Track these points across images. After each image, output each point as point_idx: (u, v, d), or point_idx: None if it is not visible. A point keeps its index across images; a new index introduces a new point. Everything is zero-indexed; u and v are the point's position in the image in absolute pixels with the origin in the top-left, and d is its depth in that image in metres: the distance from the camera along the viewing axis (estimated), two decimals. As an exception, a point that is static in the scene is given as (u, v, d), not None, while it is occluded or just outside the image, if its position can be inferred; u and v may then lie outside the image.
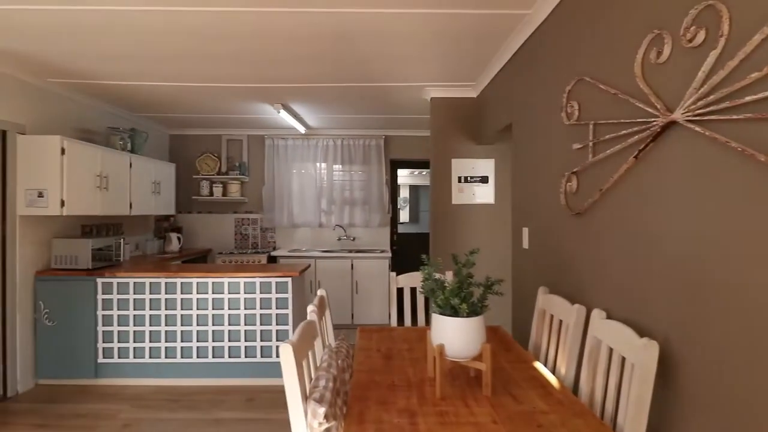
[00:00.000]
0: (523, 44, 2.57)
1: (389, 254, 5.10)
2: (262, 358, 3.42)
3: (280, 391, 3.28)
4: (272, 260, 5.18)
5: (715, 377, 1.16)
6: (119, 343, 3.43)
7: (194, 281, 3.43)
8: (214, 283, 3.43)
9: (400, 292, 3.07)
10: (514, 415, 1.34)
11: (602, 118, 1.69)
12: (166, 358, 3.43)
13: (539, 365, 1.76)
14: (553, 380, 1.61)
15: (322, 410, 1.17)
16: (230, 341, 3.43)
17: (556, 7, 2.11)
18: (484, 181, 3.74)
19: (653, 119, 1.37)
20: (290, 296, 3.44)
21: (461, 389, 1.54)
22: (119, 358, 3.43)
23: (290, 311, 3.44)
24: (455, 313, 1.52)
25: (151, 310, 3.43)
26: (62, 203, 3.30)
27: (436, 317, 1.55)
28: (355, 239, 5.61)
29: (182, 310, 3.43)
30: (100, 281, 3.43)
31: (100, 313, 3.42)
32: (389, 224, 5.62)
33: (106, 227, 4.12)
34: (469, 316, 1.50)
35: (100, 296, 3.43)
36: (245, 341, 3.42)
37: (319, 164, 5.55)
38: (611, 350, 1.49)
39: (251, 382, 3.42)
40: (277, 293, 3.44)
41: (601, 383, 1.52)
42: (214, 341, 3.43)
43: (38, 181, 3.26)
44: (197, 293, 3.43)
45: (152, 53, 2.87)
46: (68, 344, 3.41)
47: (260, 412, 2.99)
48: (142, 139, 4.46)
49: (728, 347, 1.12)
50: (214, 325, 3.43)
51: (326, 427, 1.19)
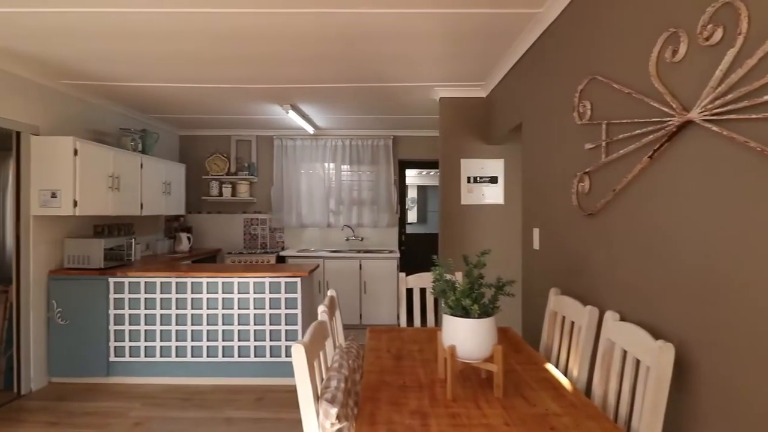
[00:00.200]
0: (533, 43, 2.55)
1: (397, 255, 5.09)
2: (271, 357, 3.44)
3: (288, 390, 3.29)
4: (281, 260, 5.20)
5: (731, 381, 1.14)
6: (131, 342, 3.46)
7: (204, 281, 3.45)
8: (224, 282, 3.45)
9: (409, 292, 3.07)
10: (526, 417, 1.33)
11: (616, 117, 1.67)
12: (176, 357, 3.45)
13: (551, 367, 1.75)
14: (565, 382, 1.59)
15: (334, 411, 1.17)
16: (240, 341, 3.44)
17: (567, 5, 2.10)
18: (493, 181, 3.72)
19: (669, 119, 1.35)
20: (299, 296, 3.45)
21: (473, 391, 1.53)
22: (131, 356, 3.46)
23: (299, 311, 3.45)
24: (466, 314, 1.51)
25: (161, 309, 3.46)
26: (75, 203, 3.34)
27: (447, 318, 1.54)
28: (363, 239, 5.61)
29: (192, 309, 3.45)
30: (111, 281, 3.47)
31: (111, 312, 3.46)
32: (397, 224, 5.61)
33: (117, 227, 4.16)
34: (480, 317, 1.50)
35: (111, 295, 3.46)
36: (255, 341, 3.44)
37: (327, 164, 5.55)
38: (625, 353, 1.48)
39: (261, 381, 3.44)
40: (286, 293, 3.45)
41: (614, 386, 1.50)
42: (224, 341, 3.45)
43: (51, 181, 3.30)
44: (207, 293, 3.45)
45: (163, 55, 2.90)
46: (80, 343, 3.45)
47: (270, 411, 3.00)
48: (152, 140, 4.51)
49: (745, 351, 1.10)
50: (224, 324, 3.45)
51: (338, 427, 1.19)
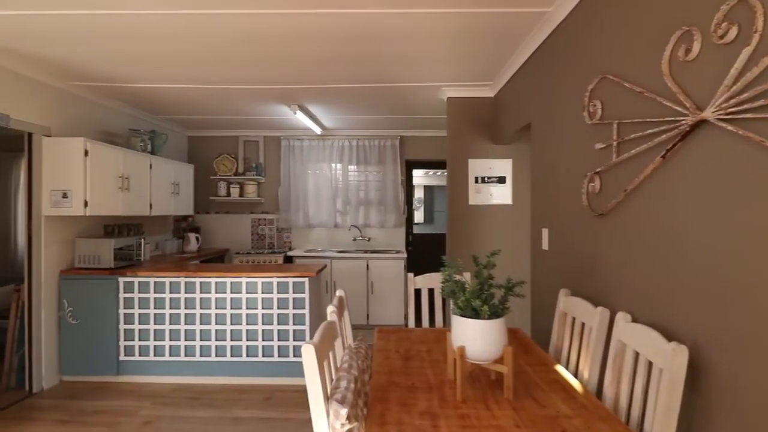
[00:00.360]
0: (542, 42, 2.54)
1: (404, 255, 5.08)
2: (279, 357, 3.45)
3: (296, 390, 3.30)
4: (288, 260, 5.22)
5: (746, 384, 1.13)
6: (140, 341, 3.49)
7: (213, 281, 3.47)
8: (232, 282, 3.46)
9: (417, 293, 3.06)
10: (537, 418, 1.32)
11: (627, 117, 1.66)
12: (185, 356, 3.48)
13: (561, 368, 1.74)
14: (575, 384, 1.58)
15: (344, 411, 1.17)
16: (248, 340, 3.46)
17: (577, 4, 2.08)
18: (501, 181, 3.70)
19: (682, 118, 1.34)
20: (307, 296, 3.45)
21: (482, 392, 1.52)
22: (140, 356, 3.49)
23: (307, 311, 3.46)
24: (476, 315, 1.51)
25: (171, 308, 3.48)
26: (86, 204, 3.37)
27: (456, 319, 1.53)
28: (370, 240, 5.61)
29: (201, 309, 3.47)
30: (121, 280, 3.50)
31: (121, 311, 3.49)
32: (404, 225, 5.61)
33: (127, 227, 4.20)
34: (490, 318, 1.49)
35: (121, 295, 3.50)
36: (263, 341, 3.45)
37: (334, 165, 5.56)
38: (637, 354, 1.46)
39: (269, 381, 3.45)
40: (294, 293, 3.46)
41: (626, 388, 1.48)
42: (232, 340, 3.46)
43: (63, 182, 3.34)
44: (216, 293, 3.47)
45: (172, 56, 2.92)
46: (91, 342, 3.48)
47: (278, 411, 3.01)
48: (161, 140, 4.54)
49: (763, 353, 1.08)
50: (232, 324, 3.47)
51: (348, 428, 1.19)
